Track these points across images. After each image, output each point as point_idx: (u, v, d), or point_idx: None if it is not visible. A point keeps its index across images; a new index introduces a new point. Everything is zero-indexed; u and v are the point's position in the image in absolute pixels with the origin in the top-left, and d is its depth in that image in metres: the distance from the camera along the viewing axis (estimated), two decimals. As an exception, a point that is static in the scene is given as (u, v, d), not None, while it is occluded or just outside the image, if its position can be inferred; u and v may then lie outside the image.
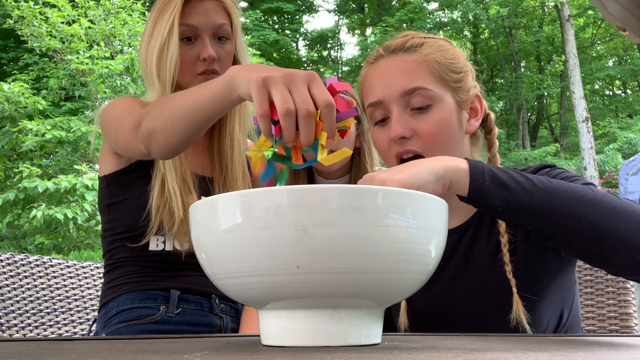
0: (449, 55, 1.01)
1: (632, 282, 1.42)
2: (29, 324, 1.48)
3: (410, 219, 0.57)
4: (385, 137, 1.00)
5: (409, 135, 0.97)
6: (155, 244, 1.29)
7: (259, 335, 0.65)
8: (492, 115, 1.09)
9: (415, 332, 1.06)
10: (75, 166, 7.55)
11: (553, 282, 0.99)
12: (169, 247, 1.29)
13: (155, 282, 1.29)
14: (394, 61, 1.01)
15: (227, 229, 0.57)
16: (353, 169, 1.72)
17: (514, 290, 0.95)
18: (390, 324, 1.11)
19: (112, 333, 1.24)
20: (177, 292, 1.29)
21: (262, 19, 19.63)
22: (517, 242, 0.99)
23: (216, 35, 1.31)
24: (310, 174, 1.70)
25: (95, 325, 1.36)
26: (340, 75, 23.95)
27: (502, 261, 0.97)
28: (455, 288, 1.02)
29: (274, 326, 0.61)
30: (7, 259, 1.49)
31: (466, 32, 21.58)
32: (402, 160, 0.99)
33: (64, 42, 7.92)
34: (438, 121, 0.98)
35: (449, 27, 20.67)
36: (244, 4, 20.53)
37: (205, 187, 1.35)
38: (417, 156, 0.98)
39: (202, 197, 1.33)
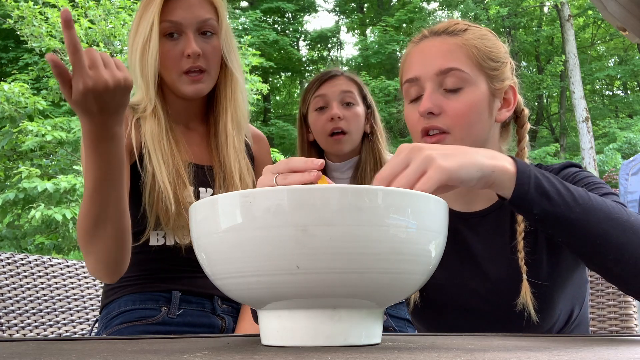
0: (489, 44, 1.04)
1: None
2: (29, 324, 1.48)
3: (410, 219, 0.57)
4: (416, 113, 1.03)
5: (437, 112, 1.00)
6: (155, 239, 1.28)
7: (258, 335, 0.65)
8: (526, 111, 1.11)
9: (424, 306, 1.07)
10: (75, 166, 7.55)
11: (569, 277, 1.01)
12: (169, 242, 1.28)
13: (157, 284, 1.29)
14: (434, 42, 1.04)
15: (227, 229, 0.57)
16: (363, 151, 1.80)
17: (524, 277, 0.97)
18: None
19: (113, 334, 1.24)
20: (178, 293, 1.28)
21: (262, 19, 19.62)
22: (538, 234, 1.00)
23: (201, 30, 1.28)
24: (320, 153, 1.80)
25: (96, 325, 1.36)
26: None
27: (517, 248, 0.98)
28: (470, 269, 1.04)
29: (274, 326, 0.61)
30: (7, 258, 1.49)
31: (466, 32, 21.50)
32: (428, 135, 1.01)
33: (63, 43, 7.90)
34: (467, 102, 1.00)
35: (449, 27, 20.60)
36: (244, 4, 20.53)
37: (204, 177, 1.33)
38: (442, 133, 1.00)
39: (199, 188, 1.32)
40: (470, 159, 0.75)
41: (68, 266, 1.64)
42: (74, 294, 1.62)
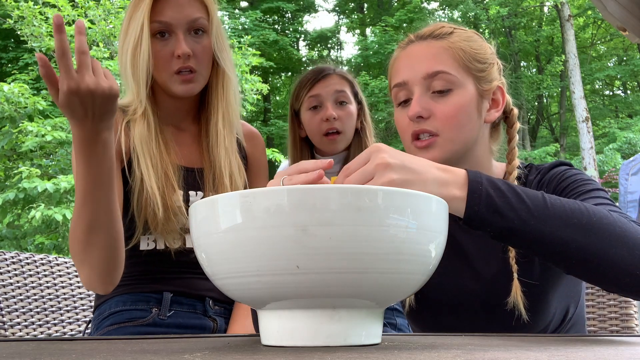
0: (475, 46, 1.05)
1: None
2: (32, 323, 1.48)
3: (410, 219, 0.57)
4: (405, 117, 1.04)
5: (427, 115, 1.01)
6: (146, 243, 1.27)
7: (258, 335, 0.65)
8: (516, 111, 1.12)
9: (419, 307, 1.07)
10: (75, 167, 7.53)
11: (562, 276, 1.01)
12: (160, 246, 1.27)
13: (148, 285, 1.28)
14: (421, 46, 1.05)
15: (227, 229, 0.57)
16: (352, 146, 1.85)
17: (515, 275, 0.97)
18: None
19: (104, 335, 1.24)
20: (169, 295, 1.27)
21: (262, 19, 19.61)
22: None
23: (191, 29, 1.27)
24: (311, 148, 1.87)
25: (89, 327, 1.35)
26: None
27: (507, 247, 0.99)
28: (463, 269, 1.05)
29: (274, 326, 0.61)
30: (12, 257, 1.49)
31: (466, 32, 21.47)
32: (418, 139, 1.02)
33: (64, 43, 7.90)
34: (456, 105, 1.01)
35: (449, 27, 20.56)
36: (244, 4, 20.52)
37: (193, 180, 1.32)
38: (432, 136, 1.01)
39: (189, 192, 1.31)
40: (424, 187, 0.76)
41: (74, 265, 1.64)
42: (80, 293, 1.63)
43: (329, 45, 24.46)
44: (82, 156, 0.99)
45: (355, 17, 23.24)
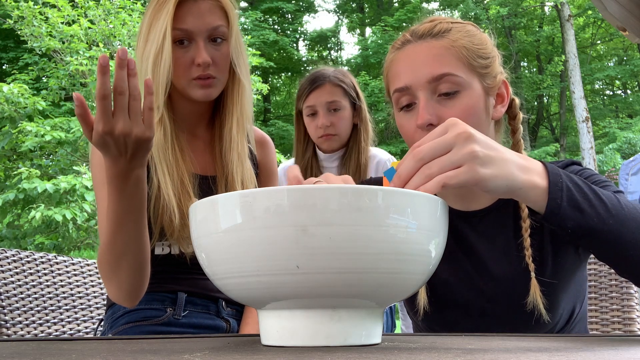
0: (476, 41, 1.00)
1: (635, 288, 1.42)
2: (33, 321, 1.48)
3: (410, 219, 0.57)
4: (411, 123, 0.99)
5: (436, 122, 0.96)
6: (161, 249, 1.28)
7: (259, 335, 0.65)
8: (517, 101, 1.08)
9: (434, 310, 1.05)
10: (75, 167, 7.55)
11: (571, 275, 1.00)
12: (174, 251, 1.28)
13: (163, 285, 1.29)
14: (421, 47, 0.99)
15: (227, 229, 0.57)
16: (350, 141, 2.12)
17: (532, 274, 0.95)
18: (410, 302, 1.11)
19: (118, 334, 1.25)
20: (184, 295, 1.28)
21: (262, 19, 19.61)
22: (543, 233, 0.99)
23: (211, 37, 1.26)
24: (314, 144, 2.15)
25: (101, 325, 1.36)
26: (340, 75, 23.88)
27: (523, 245, 0.97)
28: (475, 269, 1.02)
29: (274, 326, 0.61)
30: (13, 255, 1.49)
31: (466, 32, 21.48)
32: None
33: (63, 43, 7.92)
34: (465, 108, 0.96)
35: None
36: (244, 4, 20.52)
37: (208, 188, 1.33)
38: None
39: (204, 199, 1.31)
40: (505, 171, 0.72)
41: (73, 264, 1.64)
42: (79, 292, 1.63)
43: (329, 46, 24.46)
44: (114, 190, 1.00)
45: (355, 17, 23.24)
